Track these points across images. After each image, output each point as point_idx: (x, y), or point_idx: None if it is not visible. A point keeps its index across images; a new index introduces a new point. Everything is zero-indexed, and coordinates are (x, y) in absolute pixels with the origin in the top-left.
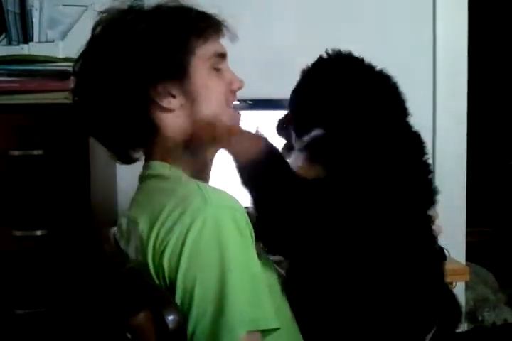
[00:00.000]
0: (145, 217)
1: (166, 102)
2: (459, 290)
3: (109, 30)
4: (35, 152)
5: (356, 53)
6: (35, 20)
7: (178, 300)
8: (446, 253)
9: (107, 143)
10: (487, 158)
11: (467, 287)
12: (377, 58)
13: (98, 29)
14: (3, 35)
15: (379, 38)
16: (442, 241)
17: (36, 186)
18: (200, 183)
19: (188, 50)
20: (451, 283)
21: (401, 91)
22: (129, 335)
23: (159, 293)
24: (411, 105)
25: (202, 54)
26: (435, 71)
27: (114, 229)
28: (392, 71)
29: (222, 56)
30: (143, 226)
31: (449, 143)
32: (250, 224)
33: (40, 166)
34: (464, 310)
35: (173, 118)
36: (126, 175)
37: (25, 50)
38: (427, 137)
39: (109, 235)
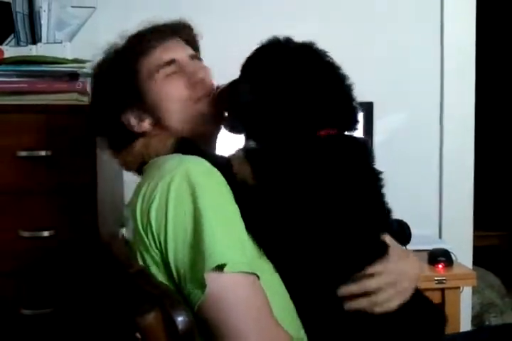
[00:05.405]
0: (135, 192)
1: (138, 127)
2: (466, 294)
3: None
4: (43, 153)
5: (364, 53)
6: (44, 21)
7: (171, 246)
8: (454, 257)
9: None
10: (494, 163)
11: (474, 291)
12: (385, 58)
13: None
14: (11, 36)
15: (386, 37)
16: (449, 245)
17: (44, 187)
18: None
19: (133, 85)
20: (459, 288)
21: (348, 88)
22: (138, 335)
23: (169, 294)
24: (418, 106)
25: (146, 76)
26: (442, 70)
27: (123, 229)
28: (399, 70)
29: (168, 63)
30: (132, 197)
31: (456, 148)
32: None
33: (48, 167)
34: (470, 314)
35: (154, 135)
36: (133, 176)
37: (33, 51)
38: (433, 142)
39: (118, 235)
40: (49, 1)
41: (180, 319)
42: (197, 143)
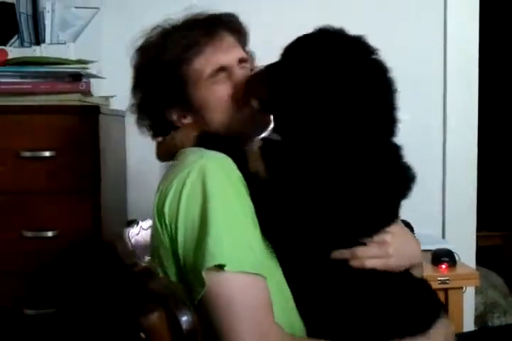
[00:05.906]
0: (160, 182)
1: (181, 123)
2: (469, 294)
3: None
4: (47, 153)
5: None
6: (47, 22)
7: (180, 237)
8: (457, 257)
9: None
10: (497, 163)
11: (477, 291)
12: (387, 59)
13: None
14: (15, 37)
15: (388, 38)
16: (452, 245)
17: (47, 187)
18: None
19: (179, 87)
20: (462, 288)
21: (392, 88)
22: (142, 335)
23: (173, 293)
24: (421, 108)
25: (194, 79)
26: (445, 71)
27: (128, 229)
28: (401, 71)
29: (218, 71)
30: (158, 187)
31: (459, 149)
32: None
33: (51, 167)
34: (473, 314)
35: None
36: (137, 177)
37: (37, 51)
38: (436, 143)
39: (122, 235)
40: (53, 2)
41: (184, 319)
42: (221, 137)
